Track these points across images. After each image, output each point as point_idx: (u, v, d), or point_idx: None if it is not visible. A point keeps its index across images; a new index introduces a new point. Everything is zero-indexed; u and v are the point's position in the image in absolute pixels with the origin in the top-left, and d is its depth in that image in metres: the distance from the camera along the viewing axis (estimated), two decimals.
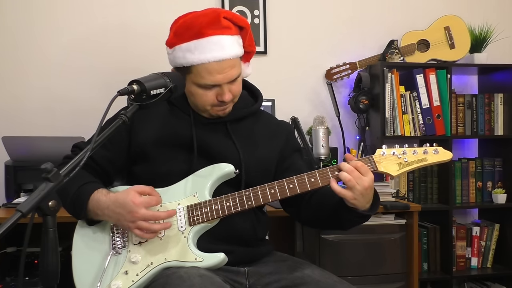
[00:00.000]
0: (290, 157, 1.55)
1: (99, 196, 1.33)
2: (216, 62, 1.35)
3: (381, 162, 1.33)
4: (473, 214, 2.93)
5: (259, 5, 2.67)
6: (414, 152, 1.34)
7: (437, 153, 1.34)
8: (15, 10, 2.48)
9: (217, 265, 1.30)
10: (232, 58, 1.38)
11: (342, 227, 1.46)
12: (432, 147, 1.35)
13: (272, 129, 1.57)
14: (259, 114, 1.58)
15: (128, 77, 1.32)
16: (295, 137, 1.63)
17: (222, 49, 1.36)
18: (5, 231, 0.88)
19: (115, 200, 1.29)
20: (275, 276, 1.38)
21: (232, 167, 1.38)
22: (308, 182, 1.33)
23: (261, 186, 1.35)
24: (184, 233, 1.33)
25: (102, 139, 1.14)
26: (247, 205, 1.34)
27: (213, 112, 1.45)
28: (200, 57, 1.35)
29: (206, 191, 1.37)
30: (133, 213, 1.26)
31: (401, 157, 1.33)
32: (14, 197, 2.14)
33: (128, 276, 1.29)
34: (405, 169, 1.33)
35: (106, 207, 1.30)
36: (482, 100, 2.73)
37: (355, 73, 2.68)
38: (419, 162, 1.33)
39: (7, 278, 1.98)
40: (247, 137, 1.50)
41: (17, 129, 2.39)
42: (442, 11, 2.77)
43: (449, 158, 1.35)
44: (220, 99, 1.40)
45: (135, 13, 2.59)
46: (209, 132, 1.47)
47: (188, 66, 1.38)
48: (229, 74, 1.38)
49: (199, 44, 1.36)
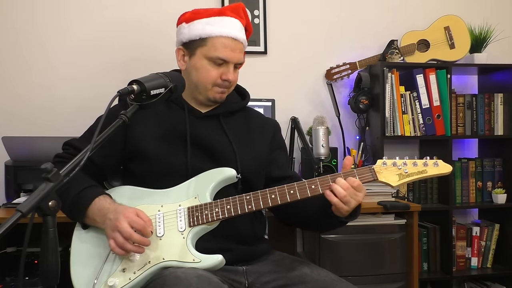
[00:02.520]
0: (275, 152, 1.60)
1: (101, 202, 1.34)
2: (232, 39, 1.46)
3: (382, 172, 1.36)
4: (473, 214, 2.93)
5: (259, 5, 2.67)
6: (415, 164, 1.37)
7: (437, 165, 1.37)
8: (16, 9, 2.48)
9: (215, 267, 1.30)
10: (243, 44, 1.51)
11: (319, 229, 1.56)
12: (432, 160, 1.38)
13: (261, 123, 1.63)
14: (248, 110, 1.64)
15: (128, 76, 1.32)
16: (281, 135, 1.68)
17: (239, 31, 1.49)
18: (5, 231, 0.88)
19: (115, 209, 1.31)
20: (273, 274, 1.39)
21: (234, 171, 1.41)
22: (309, 189, 1.35)
23: (261, 191, 1.37)
24: (184, 234, 1.33)
25: (102, 139, 1.14)
26: (247, 208, 1.35)
27: (211, 94, 1.50)
28: (220, 30, 1.46)
29: (207, 194, 1.38)
30: (117, 222, 1.27)
31: (401, 168, 1.36)
32: (14, 197, 2.14)
33: (125, 274, 1.29)
34: (405, 180, 1.36)
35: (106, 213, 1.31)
36: (482, 100, 2.73)
37: (355, 73, 2.68)
38: (419, 174, 1.36)
39: (7, 278, 1.98)
40: (240, 130, 1.54)
41: (17, 129, 2.39)
42: (442, 11, 2.77)
43: (449, 171, 1.37)
44: (225, 77, 1.47)
45: (135, 13, 2.58)
46: (203, 125, 1.50)
47: (205, 38, 1.46)
48: (239, 56, 1.49)
49: (221, 19, 1.48)
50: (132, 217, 1.28)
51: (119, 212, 1.29)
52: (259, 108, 2.41)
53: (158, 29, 2.55)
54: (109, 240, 1.29)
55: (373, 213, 2.17)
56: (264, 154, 1.55)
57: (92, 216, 1.33)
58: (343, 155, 2.61)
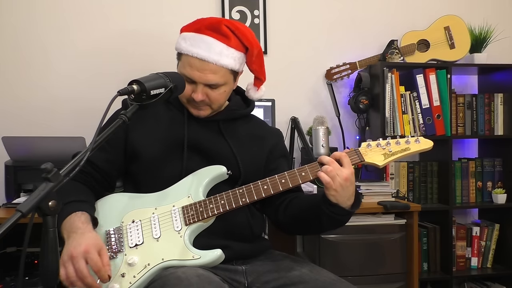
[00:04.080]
0: (277, 160, 1.58)
1: (74, 220, 1.28)
2: (198, 59, 1.42)
3: (367, 154, 1.40)
4: (473, 214, 2.93)
5: (259, 5, 2.67)
6: (397, 142, 1.41)
7: (419, 142, 1.41)
8: (16, 9, 2.48)
9: (214, 262, 1.31)
10: (216, 64, 1.42)
11: (321, 226, 1.41)
12: (414, 137, 1.42)
13: (263, 132, 1.61)
14: (251, 118, 1.63)
15: (129, 76, 1.32)
16: (285, 145, 1.67)
17: (208, 51, 1.42)
18: (5, 231, 0.88)
19: (82, 233, 1.24)
20: (273, 274, 1.39)
21: (225, 168, 1.42)
22: (299, 176, 1.37)
23: (253, 183, 1.38)
24: (181, 233, 1.34)
25: (102, 139, 1.14)
26: (241, 201, 1.37)
27: (189, 109, 1.50)
28: (188, 48, 1.43)
29: (200, 192, 1.39)
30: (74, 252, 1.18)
31: (385, 148, 1.40)
32: (14, 197, 2.14)
33: (125, 279, 1.28)
34: (390, 158, 1.40)
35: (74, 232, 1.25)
36: (482, 100, 2.73)
37: (355, 73, 2.68)
38: (403, 152, 1.41)
39: (7, 278, 1.98)
40: (238, 136, 1.54)
41: (17, 129, 2.39)
42: (442, 11, 2.77)
43: (430, 146, 1.42)
44: (193, 96, 1.45)
45: (135, 15, 2.58)
46: (202, 130, 1.50)
47: (180, 53, 1.47)
48: (207, 76, 1.43)
49: (193, 37, 1.45)
50: (92, 254, 1.19)
51: (83, 240, 1.21)
52: (259, 108, 2.42)
53: (158, 30, 2.55)
54: (65, 263, 1.18)
55: (373, 213, 2.17)
56: (262, 161, 1.55)
57: (62, 231, 1.27)
58: None
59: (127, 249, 1.33)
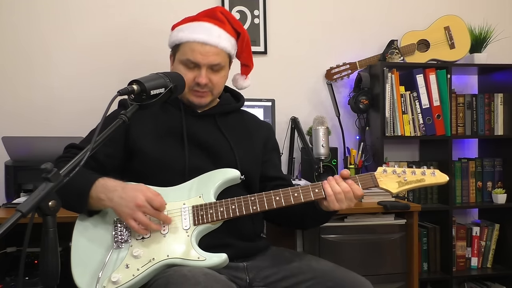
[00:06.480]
0: (270, 153, 1.65)
1: (106, 181, 1.34)
2: (200, 43, 1.50)
3: (382, 179, 1.44)
4: (473, 214, 2.93)
5: (259, 5, 2.67)
6: (413, 172, 1.44)
7: (434, 175, 1.45)
8: (17, 9, 2.48)
9: (219, 265, 1.31)
10: (217, 47, 1.51)
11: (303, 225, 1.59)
12: (430, 170, 1.45)
13: (256, 124, 1.68)
14: (243, 112, 1.69)
15: (129, 77, 1.32)
16: (275, 138, 1.73)
17: (208, 35, 1.51)
18: (5, 231, 0.88)
19: (124, 186, 1.32)
20: (273, 268, 1.41)
21: (238, 173, 1.45)
22: (312, 192, 1.39)
23: (266, 193, 1.39)
24: (188, 232, 1.34)
25: (102, 139, 1.14)
26: (252, 209, 1.38)
27: (190, 98, 1.54)
28: (188, 36, 1.51)
29: (212, 194, 1.40)
30: (136, 201, 1.27)
31: (401, 176, 1.43)
32: (14, 197, 2.14)
33: (129, 270, 1.29)
34: (404, 187, 1.43)
35: (114, 190, 1.31)
36: (482, 100, 2.73)
37: (355, 73, 2.68)
38: (417, 182, 1.43)
39: (7, 278, 1.98)
40: (235, 129, 1.59)
41: (17, 129, 2.39)
42: (442, 11, 2.77)
43: (445, 181, 1.44)
44: (197, 80, 1.50)
45: (135, 13, 2.58)
46: (199, 124, 1.54)
47: (178, 44, 1.54)
48: (210, 58, 1.50)
49: (191, 25, 1.54)
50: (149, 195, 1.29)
51: (134, 191, 1.29)
52: (259, 108, 2.42)
53: (159, 29, 2.55)
54: (129, 220, 1.28)
55: (373, 213, 2.17)
56: (259, 153, 1.60)
57: (97, 195, 1.32)
58: (343, 155, 2.61)
59: (133, 241, 1.33)
